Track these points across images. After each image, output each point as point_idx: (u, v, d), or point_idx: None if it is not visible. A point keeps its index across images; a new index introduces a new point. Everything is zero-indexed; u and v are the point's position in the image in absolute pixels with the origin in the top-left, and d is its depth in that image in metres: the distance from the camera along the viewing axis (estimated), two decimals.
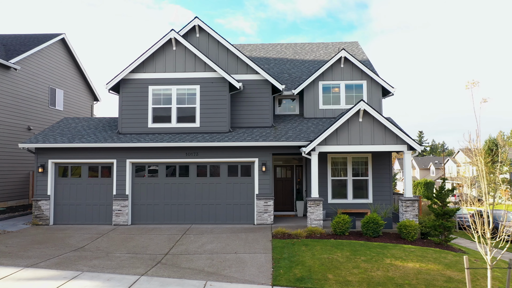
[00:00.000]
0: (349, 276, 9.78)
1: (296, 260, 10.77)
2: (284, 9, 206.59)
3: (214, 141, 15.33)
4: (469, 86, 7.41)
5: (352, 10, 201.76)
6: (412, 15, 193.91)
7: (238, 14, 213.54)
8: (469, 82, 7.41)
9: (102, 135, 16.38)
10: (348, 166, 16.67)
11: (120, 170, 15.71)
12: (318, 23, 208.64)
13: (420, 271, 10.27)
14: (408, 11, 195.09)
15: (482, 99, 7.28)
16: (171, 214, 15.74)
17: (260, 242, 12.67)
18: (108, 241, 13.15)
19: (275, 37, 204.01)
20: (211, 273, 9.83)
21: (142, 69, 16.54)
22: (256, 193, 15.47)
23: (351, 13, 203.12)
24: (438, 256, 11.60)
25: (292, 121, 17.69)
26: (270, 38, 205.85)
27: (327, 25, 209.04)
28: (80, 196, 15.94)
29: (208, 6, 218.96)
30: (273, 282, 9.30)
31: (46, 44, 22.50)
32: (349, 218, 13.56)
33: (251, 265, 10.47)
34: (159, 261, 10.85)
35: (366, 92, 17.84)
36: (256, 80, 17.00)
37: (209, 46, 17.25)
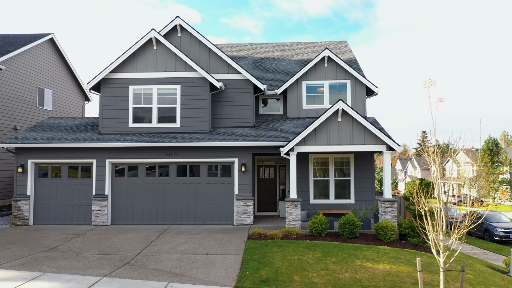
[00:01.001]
0: (315, 277, 9.65)
1: (265, 262, 10.66)
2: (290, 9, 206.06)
3: (193, 141, 15.24)
4: (426, 85, 7.29)
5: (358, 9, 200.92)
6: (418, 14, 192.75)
7: (243, 14, 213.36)
8: (426, 81, 7.28)
9: (82, 135, 16.33)
10: (330, 166, 16.53)
11: (100, 170, 15.65)
12: (323, 23, 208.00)
13: (390, 273, 10.12)
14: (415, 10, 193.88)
15: (438, 98, 7.16)
16: (150, 215, 15.66)
17: (234, 243, 12.57)
18: (82, 241, 13.09)
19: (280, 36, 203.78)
20: (177, 274, 9.74)
21: (123, 68, 16.47)
22: (236, 193, 15.37)
23: (357, 12, 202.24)
24: (412, 258, 11.45)
25: (275, 121, 17.57)
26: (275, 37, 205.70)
27: (332, 24, 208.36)
28: (60, 196, 15.90)
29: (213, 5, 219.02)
30: (237, 283, 9.19)
31: (33, 44, 22.49)
32: (325, 219, 13.43)
33: (219, 266, 10.37)
34: (128, 262, 10.77)
35: (350, 92, 17.69)
36: (237, 80, 16.90)
37: (191, 45, 17.16)
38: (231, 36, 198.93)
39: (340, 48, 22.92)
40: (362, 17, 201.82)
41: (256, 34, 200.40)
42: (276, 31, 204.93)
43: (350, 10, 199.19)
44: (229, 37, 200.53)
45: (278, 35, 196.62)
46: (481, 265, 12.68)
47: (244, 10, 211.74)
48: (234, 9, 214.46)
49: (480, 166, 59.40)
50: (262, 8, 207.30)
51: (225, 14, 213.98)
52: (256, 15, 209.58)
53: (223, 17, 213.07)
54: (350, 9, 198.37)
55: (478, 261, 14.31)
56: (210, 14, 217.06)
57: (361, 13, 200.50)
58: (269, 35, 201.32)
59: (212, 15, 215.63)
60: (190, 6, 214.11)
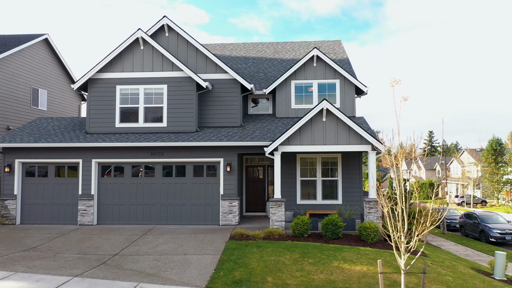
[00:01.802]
0: (289, 279, 9.55)
1: (242, 262, 10.58)
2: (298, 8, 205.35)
3: (179, 141, 15.20)
4: (392, 84, 7.17)
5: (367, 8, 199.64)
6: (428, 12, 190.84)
7: (251, 14, 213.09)
8: (391, 80, 7.16)
9: (69, 135, 16.36)
10: (318, 166, 16.40)
11: (86, 170, 15.67)
12: (332, 22, 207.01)
13: (366, 275, 9.99)
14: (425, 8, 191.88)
15: (402, 97, 7.03)
16: (136, 214, 15.65)
17: (214, 244, 12.50)
18: (64, 241, 13.09)
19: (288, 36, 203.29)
20: (150, 275, 9.69)
21: (110, 68, 16.48)
22: (221, 193, 15.30)
23: (366, 11, 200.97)
24: (392, 259, 11.29)
25: (263, 120, 17.48)
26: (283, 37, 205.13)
27: (341, 23, 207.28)
28: (47, 196, 15.94)
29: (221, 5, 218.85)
30: (208, 284, 9.12)
31: (26, 45, 22.60)
32: (308, 219, 13.32)
33: (195, 267, 10.31)
34: (105, 262, 10.75)
35: (339, 91, 17.55)
36: (225, 79, 16.84)
37: (178, 45, 17.13)
38: (239, 36, 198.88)
39: (333, 48, 22.77)
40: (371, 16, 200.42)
41: (264, 34, 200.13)
42: (284, 30, 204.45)
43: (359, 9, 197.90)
44: (237, 37, 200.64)
45: (286, 34, 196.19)
46: (465, 267, 12.49)
47: (252, 9, 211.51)
48: (242, 9, 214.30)
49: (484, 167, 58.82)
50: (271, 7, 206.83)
51: (233, 14, 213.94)
52: (264, 14, 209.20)
53: (231, 17, 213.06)
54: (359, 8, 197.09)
55: (464, 262, 14.11)
56: (218, 14, 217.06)
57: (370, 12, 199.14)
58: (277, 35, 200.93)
59: (220, 15, 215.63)
60: (198, 6, 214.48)
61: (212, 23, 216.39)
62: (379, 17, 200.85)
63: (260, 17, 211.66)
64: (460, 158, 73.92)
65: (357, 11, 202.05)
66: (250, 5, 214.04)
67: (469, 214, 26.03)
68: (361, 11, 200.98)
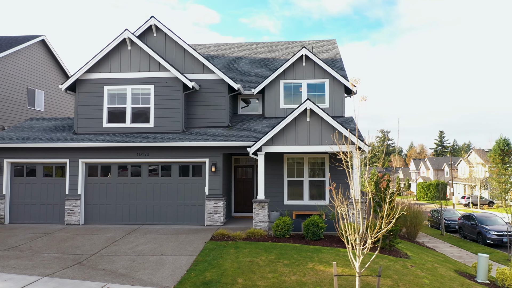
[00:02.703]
0: (260, 280, 9.47)
1: (216, 263, 10.52)
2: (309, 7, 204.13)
3: (164, 141, 15.21)
4: (352, 83, 7.05)
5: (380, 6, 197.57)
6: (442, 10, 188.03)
7: (262, 13, 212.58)
8: (351, 79, 7.05)
9: (58, 135, 16.47)
10: (305, 167, 16.28)
11: (73, 170, 15.76)
12: (343, 21, 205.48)
13: (339, 277, 9.86)
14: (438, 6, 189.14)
15: (360, 97, 6.92)
16: (123, 214, 15.69)
17: (194, 244, 12.47)
18: (47, 240, 13.18)
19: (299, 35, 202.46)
20: (122, 275, 9.69)
21: (98, 69, 16.56)
22: (207, 194, 15.27)
23: (378, 10, 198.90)
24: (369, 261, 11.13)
25: (252, 121, 17.41)
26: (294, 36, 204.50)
27: (353, 22, 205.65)
28: (35, 196, 16.08)
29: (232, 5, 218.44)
30: (176, 285, 9.09)
31: (22, 46, 22.84)
32: (290, 220, 13.21)
33: (168, 267, 10.28)
34: (80, 262, 10.78)
35: (328, 91, 17.41)
36: (212, 80, 16.81)
37: (166, 45, 17.14)
38: (249, 36, 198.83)
39: (327, 47, 22.60)
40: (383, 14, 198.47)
41: (275, 34, 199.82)
42: (295, 30, 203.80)
43: (371, 8, 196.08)
44: (247, 36, 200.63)
45: (297, 34, 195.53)
46: (448, 270, 12.27)
47: (263, 9, 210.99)
48: (253, 9, 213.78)
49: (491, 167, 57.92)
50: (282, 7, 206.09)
51: (243, 13, 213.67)
52: (275, 14, 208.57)
53: (241, 17, 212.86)
54: (371, 7, 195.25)
55: (450, 265, 13.88)
56: (229, 14, 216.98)
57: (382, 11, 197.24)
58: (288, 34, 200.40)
59: (230, 15, 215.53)
60: (209, 6, 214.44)
61: (223, 23, 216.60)
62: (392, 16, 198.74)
63: (270, 16, 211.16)
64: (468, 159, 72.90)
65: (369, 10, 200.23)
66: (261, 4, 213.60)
67: (468, 215, 25.64)
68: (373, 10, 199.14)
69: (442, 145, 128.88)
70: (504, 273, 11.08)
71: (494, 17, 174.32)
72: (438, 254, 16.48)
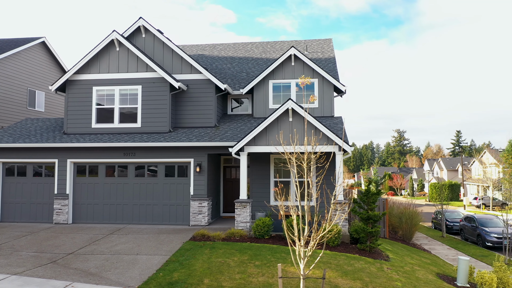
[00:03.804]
0: (226, 281, 9.43)
1: (187, 264, 10.52)
2: (327, 5, 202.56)
3: (149, 141, 15.29)
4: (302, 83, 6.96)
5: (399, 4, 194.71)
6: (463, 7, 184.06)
7: (279, 12, 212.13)
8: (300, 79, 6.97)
9: (48, 135, 16.72)
10: (291, 167, 16.12)
11: (61, 170, 15.97)
12: (362, 19, 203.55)
13: (308, 279, 9.75)
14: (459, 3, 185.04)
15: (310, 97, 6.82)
16: (110, 214, 15.84)
17: (172, 244, 12.49)
18: (30, 239, 13.38)
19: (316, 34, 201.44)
20: (90, 274, 9.76)
21: (87, 70, 16.75)
22: (191, 194, 15.29)
23: (397, 7, 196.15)
24: (345, 263, 11.00)
25: (240, 121, 17.37)
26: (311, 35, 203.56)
27: (371, 20, 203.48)
28: (26, 195, 16.35)
29: (249, 5, 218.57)
30: (141, 285, 9.10)
31: (22, 48, 23.26)
32: (270, 221, 13.13)
33: (140, 267, 10.32)
34: (55, 260, 10.90)
35: (318, 91, 17.24)
36: (200, 80, 16.83)
37: (155, 46, 17.24)
38: (266, 35, 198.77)
39: (322, 47, 22.41)
40: (403, 12, 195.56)
41: (292, 33, 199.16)
42: (313, 29, 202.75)
43: (390, 6, 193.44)
44: (264, 36, 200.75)
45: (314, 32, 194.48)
46: (428, 273, 12.01)
47: (280, 8, 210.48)
48: (270, 8, 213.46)
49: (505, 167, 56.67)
50: (299, 6, 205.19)
51: (260, 13, 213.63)
52: (292, 13, 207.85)
53: (258, 17, 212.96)
54: (390, 4, 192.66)
55: (435, 268, 13.60)
56: (246, 14, 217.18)
57: (401, 8, 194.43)
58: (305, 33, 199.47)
59: (247, 14, 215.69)
60: (226, 6, 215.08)
61: (240, 23, 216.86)
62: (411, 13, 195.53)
63: (287, 15, 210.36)
64: (482, 159, 71.43)
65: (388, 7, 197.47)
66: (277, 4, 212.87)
67: (469, 217, 25.09)
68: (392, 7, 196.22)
69: (459, 145, 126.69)
70: (484, 276, 10.80)
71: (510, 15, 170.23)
72: (427, 257, 16.15)
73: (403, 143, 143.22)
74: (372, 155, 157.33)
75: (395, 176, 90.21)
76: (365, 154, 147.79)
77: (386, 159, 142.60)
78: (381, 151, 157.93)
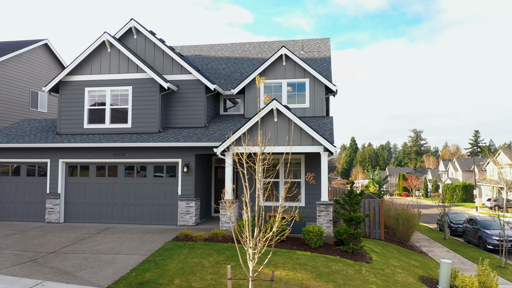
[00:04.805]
0: (196, 281, 9.43)
1: (162, 263, 10.55)
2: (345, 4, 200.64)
3: (138, 142, 15.40)
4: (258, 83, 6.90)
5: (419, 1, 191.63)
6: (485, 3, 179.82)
7: (296, 12, 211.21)
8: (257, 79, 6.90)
9: (41, 135, 17.00)
10: (281, 167, 16.06)
11: (53, 170, 16.22)
12: (380, 17, 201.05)
13: (280, 280, 9.69)
14: None
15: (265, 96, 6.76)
16: (100, 213, 16.02)
17: (154, 244, 12.55)
18: (19, 238, 13.62)
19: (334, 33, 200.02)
20: (65, 273, 9.88)
21: (80, 71, 16.97)
22: (179, 194, 15.35)
23: (417, 5, 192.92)
24: (322, 265, 10.87)
25: (231, 121, 17.36)
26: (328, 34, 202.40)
27: (390, 18, 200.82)
28: (19, 194, 16.66)
29: (266, 4, 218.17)
30: (111, 285, 9.17)
31: (24, 50, 23.72)
32: (253, 221, 13.05)
33: (115, 266, 10.40)
34: (35, 259, 11.07)
35: (309, 91, 17.11)
36: (190, 80, 16.88)
37: (146, 47, 17.36)
38: (283, 35, 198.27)
39: (319, 46, 22.22)
40: (423, 9, 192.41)
41: (309, 32, 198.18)
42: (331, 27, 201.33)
43: (409, 3, 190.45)
44: (281, 36, 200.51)
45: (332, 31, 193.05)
46: (411, 276, 11.77)
47: (297, 7, 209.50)
48: (287, 7, 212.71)
49: None
50: (316, 4, 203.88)
51: (277, 12, 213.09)
52: (309, 12, 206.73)
53: (275, 16, 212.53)
54: (409, 2, 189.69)
55: (422, 271, 13.33)
56: (262, 13, 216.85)
57: (421, 5, 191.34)
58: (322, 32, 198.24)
59: (264, 14, 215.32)
60: (242, 6, 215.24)
61: (256, 23, 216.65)
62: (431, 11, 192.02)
63: (305, 15, 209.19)
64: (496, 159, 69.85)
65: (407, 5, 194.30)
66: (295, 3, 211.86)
67: (471, 219, 24.55)
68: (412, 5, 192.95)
69: (477, 145, 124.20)
70: (464, 280, 10.54)
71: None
72: (419, 259, 15.85)
73: (419, 143, 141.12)
74: (388, 155, 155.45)
75: (409, 177, 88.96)
76: (381, 154, 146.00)
77: (402, 159, 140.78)
78: (398, 151, 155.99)
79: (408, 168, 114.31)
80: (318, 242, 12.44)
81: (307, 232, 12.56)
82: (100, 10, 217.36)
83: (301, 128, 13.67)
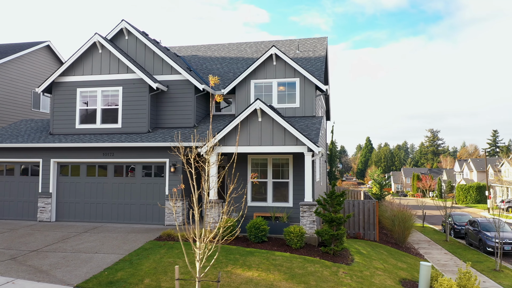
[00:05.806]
0: (166, 281, 9.46)
1: (137, 263, 10.60)
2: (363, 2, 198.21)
3: (126, 142, 15.51)
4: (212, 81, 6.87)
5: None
6: None
7: (313, 11, 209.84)
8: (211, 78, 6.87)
9: (34, 135, 17.28)
10: (269, 168, 15.97)
11: (45, 169, 16.47)
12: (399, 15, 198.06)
13: (251, 280, 9.64)
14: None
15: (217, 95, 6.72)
16: (90, 212, 16.19)
17: (135, 243, 12.62)
18: (7, 236, 13.86)
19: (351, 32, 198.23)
20: (40, 271, 10.01)
21: (72, 71, 17.19)
22: (166, 193, 15.41)
23: (437, 2, 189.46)
24: (298, 266, 10.76)
25: (222, 121, 17.35)
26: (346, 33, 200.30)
27: (409, 16, 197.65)
28: (13, 193, 16.97)
29: (282, 4, 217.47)
30: (81, 283, 9.25)
31: (26, 51, 24.16)
32: (235, 222, 13.01)
33: (91, 265, 10.49)
34: (15, 257, 11.25)
35: (299, 91, 16.99)
36: (180, 81, 16.93)
37: (137, 48, 17.48)
38: (299, 34, 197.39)
39: (315, 45, 22.04)
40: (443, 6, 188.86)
41: (326, 31, 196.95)
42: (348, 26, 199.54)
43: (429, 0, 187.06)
44: (298, 35, 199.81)
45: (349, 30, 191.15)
46: (390, 279, 11.56)
47: (314, 6, 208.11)
48: (303, 6, 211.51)
49: None
50: (333, 3, 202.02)
51: (294, 12, 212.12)
52: (326, 11, 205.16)
53: (292, 15, 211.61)
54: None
55: (407, 273, 13.08)
56: (279, 13, 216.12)
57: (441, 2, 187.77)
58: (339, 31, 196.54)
59: (280, 13, 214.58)
60: (258, 5, 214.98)
61: (273, 23, 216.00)
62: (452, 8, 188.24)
63: (322, 14, 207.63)
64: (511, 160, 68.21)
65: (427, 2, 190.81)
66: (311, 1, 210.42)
67: (473, 221, 24.00)
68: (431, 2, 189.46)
69: (496, 145, 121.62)
70: (442, 284, 10.29)
71: None
72: (409, 262, 15.57)
73: (436, 143, 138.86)
74: (405, 156, 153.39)
75: (424, 177, 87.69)
76: (397, 154, 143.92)
77: (419, 159, 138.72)
78: (415, 151, 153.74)
79: (423, 169, 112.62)
80: (299, 243, 12.32)
81: (288, 233, 12.46)
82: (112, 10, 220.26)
83: (285, 128, 13.56)
